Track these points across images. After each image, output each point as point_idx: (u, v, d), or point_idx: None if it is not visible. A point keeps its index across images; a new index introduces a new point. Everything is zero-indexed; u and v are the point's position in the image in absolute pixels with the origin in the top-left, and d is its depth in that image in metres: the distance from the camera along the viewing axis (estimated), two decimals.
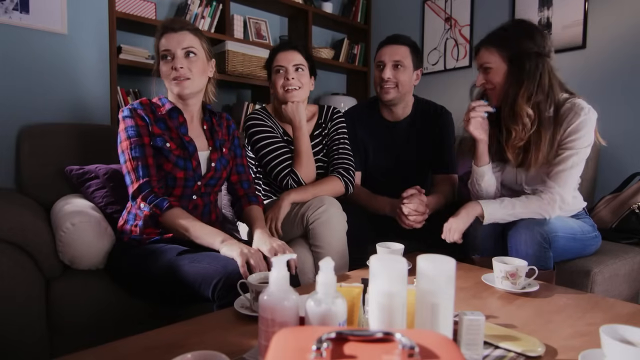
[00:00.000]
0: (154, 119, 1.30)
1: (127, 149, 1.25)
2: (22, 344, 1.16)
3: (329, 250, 1.41)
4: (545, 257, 1.31)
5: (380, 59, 1.74)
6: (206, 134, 1.41)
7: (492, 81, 1.44)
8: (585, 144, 1.37)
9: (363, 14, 3.21)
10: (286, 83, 1.57)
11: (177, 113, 1.34)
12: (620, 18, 2.07)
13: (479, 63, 1.47)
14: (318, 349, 0.47)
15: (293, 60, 1.58)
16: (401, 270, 0.62)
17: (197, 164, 1.33)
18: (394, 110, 1.81)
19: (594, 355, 0.73)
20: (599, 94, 2.11)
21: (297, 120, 1.56)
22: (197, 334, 0.85)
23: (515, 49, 1.39)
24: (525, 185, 1.50)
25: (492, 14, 2.55)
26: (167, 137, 1.28)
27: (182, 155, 1.30)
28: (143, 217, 1.26)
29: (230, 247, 1.12)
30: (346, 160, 1.66)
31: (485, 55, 1.44)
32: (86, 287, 1.29)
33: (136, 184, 1.22)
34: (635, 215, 1.76)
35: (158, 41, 1.31)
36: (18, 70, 1.88)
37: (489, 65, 1.43)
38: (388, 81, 1.71)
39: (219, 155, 1.39)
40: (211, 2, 2.44)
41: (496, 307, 1.02)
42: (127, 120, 1.27)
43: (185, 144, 1.31)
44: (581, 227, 1.45)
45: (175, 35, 1.29)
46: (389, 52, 1.72)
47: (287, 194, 1.50)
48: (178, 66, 1.27)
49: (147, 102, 1.33)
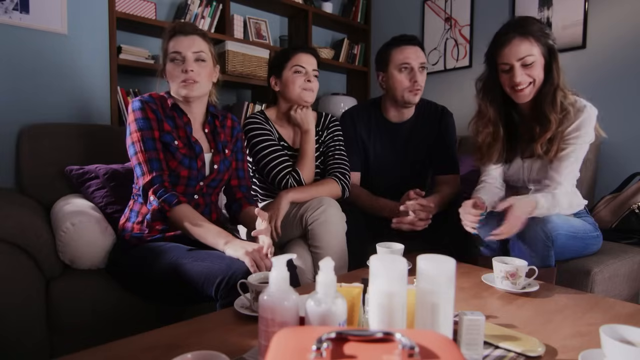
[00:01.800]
0: (164, 114, 1.30)
1: (138, 140, 1.25)
2: (22, 344, 1.16)
3: (328, 250, 1.41)
4: (547, 255, 1.30)
5: (407, 61, 1.67)
6: (208, 137, 1.41)
7: (534, 76, 1.36)
8: (586, 140, 1.38)
9: (363, 14, 3.21)
10: (307, 85, 1.60)
11: (182, 112, 1.35)
12: (620, 18, 2.07)
13: (518, 56, 1.34)
14: (318, 349, 0.47)
15: (313, 64, 1.63)
16: (401, 270, 0.62)
17: (202, 164, 1.33)
18: (404, 112, 1.79)
19: (594, 355, 0.73)
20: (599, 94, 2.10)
21: (305, 124, 1.60)
22: (197, 334, 0.85)
23: (547, 40, 1.35)
24: (527, 181, 1.50)
25: (492, 14, 2.55)
26: (175, 135, 1.29)
27: (189, 154, 1.30)
28: (151, 210, 1.24)
29: (234, 248, 1.12)
30: (343, 165, 1.67)
31: (526, 47, 1.33)
32: (86, 287, 1.29)
33: (148, 176, 1.22)
34: (635, 215, 1.76)
35: (167, 43, 1.32)
36: (18, 70, 1.88)
37: (533, 59, 1.34)
38: (416, 83, 1.67)
39: (221, 157, 1.39)
40: (211, 2, 2.44)
41: (496, 307, 1.02)
42: (138, 112, 1.27)
43: (192, 143, 1.32)
44: (583, 226, 1.45)
45: (185, 38, 1.30)
46: (415, 54, 1.68)
47: (285, 193, 1.50)
48: (189, 69, 1.28)
49: (157, 97, 1.33)
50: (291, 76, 1.60)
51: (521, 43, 1.34)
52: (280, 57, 1.65)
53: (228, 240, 1.16)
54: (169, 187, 1.24)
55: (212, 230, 1.20)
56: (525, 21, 1.38)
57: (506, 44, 1.36)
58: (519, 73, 1.35)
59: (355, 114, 1.84)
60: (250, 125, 1.62)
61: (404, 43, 1.69)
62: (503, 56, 1.37)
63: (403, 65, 1.67)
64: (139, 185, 1.24)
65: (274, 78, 1.66)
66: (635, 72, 2.02)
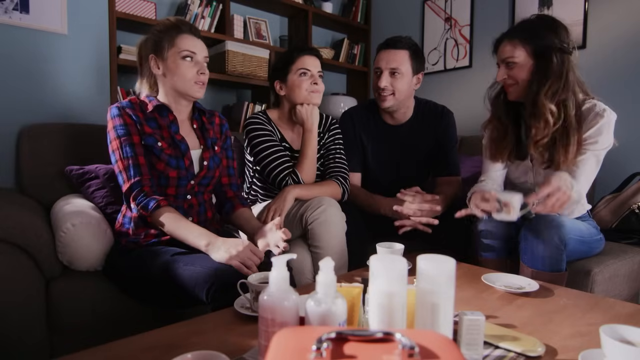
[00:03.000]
0: (144, 117, 1.29)
1: (117, 148, 1.24)
2: (22, 344, 1.16)
3: (328, 250, 1.41)
4: (560, 259, 1.28)
5: (378, 65, 1.69)
6: (197, 132, 1.40)
7: (515, 77, 1.39)
8: (604, 145, 1.34)
9: (363, 14, 3.21)
10: (314, 87, 1.59)
11: (167, 111, 1.33)
12: (620, 18, 2.07)
13: (502, 58, 1.41)
14: (318, 349, 0.47)
15: (317, 66, 1.62)
16: (401, 270, 0.62)
17: (189, 163, 1.32)
18: (394, 116, 1.79)
19: (594, 355, 0.73)
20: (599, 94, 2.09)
21: (309, 123, 1.59)
22: (197, 334, 0.85)
23: (542, 43, 1.34)
24: (534, 183, 1.48)
25: (492, 14, 2.55)
26: (158, 137, 1.28)
27: (174, 154, 1.29)
28: (133, 217, 1.25)
29: (217, 251, 1.12)
30: (343, 168, 1.67)
31: (509, 49, 1.38)
32: (86, 287, 1.29)
33: (127, 183, 1.22)
34: (635, 215, 1.76)
35: (174, 38, 1.29)
36: (18, 70, 1.88)
37: (514, 60, 1.37)
38: (385, 89, 1.68)
39: (211, 154, 1.39)
40: (211, 2, 2.44)
41: (496, 307, 1.02)
42: (116, 119, 1.26)
43: (177, 142, 1.31)
44: (588, 230, 1.44)
45: (197, 40, 1.32)
46: (386, 58, 1.67)
47: (292, 188, 1.50)
48: (205, 72, 1.32)
49: (137, 101, 1.32)
50: (297, 80, 1.59)
51: (505, 46, 1.40)
52: (284, 60, 1.63)
53: (209, 242, 1.15)
54: (150, 191, 1.22)
55: (194, 231, 1.19)
56: (521, 24, 1.42)
57: (498, 46, 1.44)
58: (501, 73, 1.42)
59: (354, 115, 1.84)
60: (252, 125, 1.61)
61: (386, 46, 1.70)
62: (497, 57, 1.46)
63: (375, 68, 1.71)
64: (122, 191, 1.24)
65: (279, 82, 1.64)
66: (635, 72, 2.02)
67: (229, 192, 1.46)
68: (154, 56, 1.31)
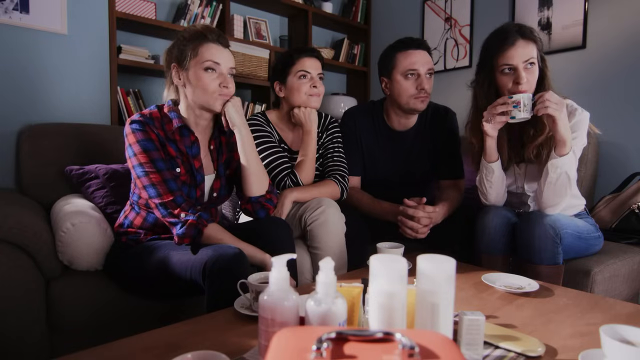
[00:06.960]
0: (165, 136, 1.23)
1: (147, 161, 1.18)
2: (22, 344, 1.16)
3: (327, 251, 1.41)
4: (556, 252, 1.31)
5: (414, 67, 1.57)
6: (212, 155, 1.35)
7: (532, 82, 1.35)
8: (580, 142, 1.39)
9: (363, 14, 3.21)
10: (313, 91, 1.58)
11: (188, 132, 1.27)
12: (620, 18, 2.07)
13: (523, 59, 1.33)
14: (318, 349, 0.47)
15: (318, 68, 1.60)
16: (401, 270, 0.62)
17: (200, 194, 1.30)
18: (410, 119, 1.73)
19: (594, 355, 0.73)
20: (599, 94, 2.11)
21: (308, 125, 1.58)
22: (197, 334, 0.85)
23: (541, 43, 1.37)
24: (526, 187, 1.50)
25: (492, 14, 2.55)
26: (179, 162, 1.24)
27: (189, 182, 1.26)
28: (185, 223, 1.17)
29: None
30: (341, 167, 1.65)
31: (530, 49, 1.33)
32: (86, 287, 1.29)
33: (170, 196, 1.17)
34: (635, 215, 1.76)
35: (198, 47, 1.22)
36: (18, 70, 1.88)
37: (534, 61, 1.34)
38: (423, 91, 1.59)
39: (222, 182, 1.36)
40: (211, 2, 2.44)
41: (496, 307, 1.02)
42: (139, 133, 1.19)
43: (194, 171, 1.27)
44: (586, 227, 1.45)
45: (224, 51, 1.25)
46: (422, 60, 1.58)
47: (289, 192, 1.49)
48: (229, 85, 1.24)
49: (158, 116, 1.25)
50: (296, 82, 1.57)
51: (527, 45, 1.34)
52: (284, 61, 1.60)
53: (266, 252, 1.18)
54: (194, 205, 1.22)
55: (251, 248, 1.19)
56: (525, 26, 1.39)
57: (510, 46, 1.33)
58: (523, 75, 1.33)
59: (357, 117, 1.78)
60: (251, 127, 1.61)
61: (411, 47, 1.60)
62: (506, 57, 1.34)
63: (410, 70, 1.59)
64: (156, 202, 1.18)
65: (278, 84, 1.62)
66: (635, 72, 2.02)
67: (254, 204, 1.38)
68: (176, 65, 1.24)
